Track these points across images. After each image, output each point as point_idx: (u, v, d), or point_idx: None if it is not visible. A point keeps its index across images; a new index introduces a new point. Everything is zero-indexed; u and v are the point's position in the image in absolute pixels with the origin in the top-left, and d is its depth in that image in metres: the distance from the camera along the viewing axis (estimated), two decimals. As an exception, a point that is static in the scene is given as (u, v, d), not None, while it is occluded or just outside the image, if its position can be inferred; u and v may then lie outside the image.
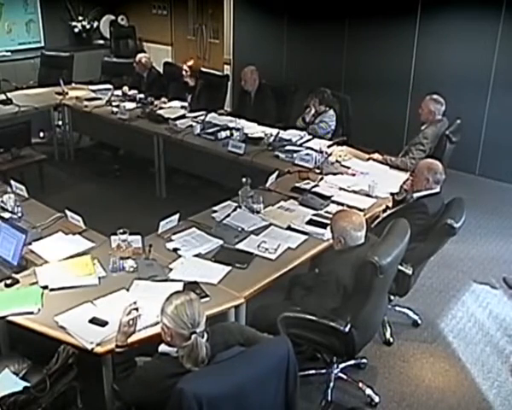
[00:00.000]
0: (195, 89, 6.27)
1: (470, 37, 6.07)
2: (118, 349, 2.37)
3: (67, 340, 2.53)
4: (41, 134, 6.71)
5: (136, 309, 2.38)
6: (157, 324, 2.42)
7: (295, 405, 2.27)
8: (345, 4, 6.91)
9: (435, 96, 4.74)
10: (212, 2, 8.72)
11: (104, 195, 5.78)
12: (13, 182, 4.03)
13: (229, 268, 3.08)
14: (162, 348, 2.24)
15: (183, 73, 6.28)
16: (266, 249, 3.27)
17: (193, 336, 2.11)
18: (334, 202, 3.88)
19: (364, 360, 3.48)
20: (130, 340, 2.41)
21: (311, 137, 5.13)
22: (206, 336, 2.17)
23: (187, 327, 2.12)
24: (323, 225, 3.46)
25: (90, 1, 9.68)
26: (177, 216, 3.53)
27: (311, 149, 4.78)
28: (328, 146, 4.88)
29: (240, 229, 3.50)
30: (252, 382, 2.10)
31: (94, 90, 6.68)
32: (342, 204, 3.83)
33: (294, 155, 4.64)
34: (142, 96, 6.27)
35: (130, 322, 2.36)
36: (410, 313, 3.91)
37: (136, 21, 9.87)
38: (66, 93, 6.50)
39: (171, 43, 9.50)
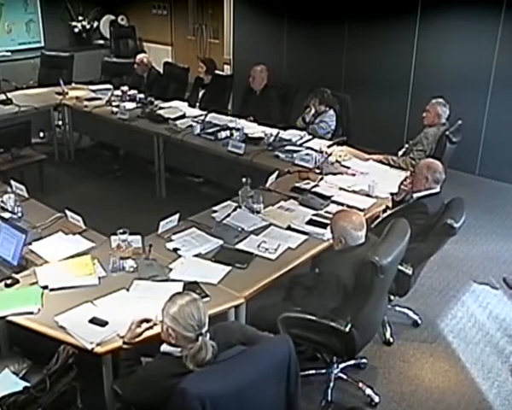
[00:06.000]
0: (208, 86, 6.29)
1: (470, 37, 6.06)
2: (124, 346, 2.38)
3: (67, 340, 2.53)
4: (41, 134, 6.71)
5: (154, 323, 2.38)
6: (155, 324, 2.42)
7: (297, 404, 2.25)
8: (345, 4, 6.91)
9: (441, 100, 4.74)
10: (212, 2, 8.73)
11: (104, 195, 5.78)
12: (13, 182, 4.03)
13: (229, 268, 3.07)
14: (164, 347, 2.21)
15: (199, 69, 6.30)
16: (266, 249, 3.27)
17: (200, 338, 2.07)
18: (334, 202, 3.88)
19: (364, 360, 3.47)
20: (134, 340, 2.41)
21: (311, 137, 5.13)
22: (208, 335, 2.14)
23: (193, 329, 2.08)
24: (323, 225, 3.46)
25: (90, 1, 9.69)
26: (177, 216, 3.53)
27: (311, 149, 4.78)
28: (328, 146, 4.87)
29: (240, 229, 3.50)
30: (253, 381, 2.08)
31: (94, 90, 6.67)
32: (342, 204, 3.82)
33: (294, 155, 4.64)
34: (142, 96, 6.27)
35: (143, 324, 2.38)
36: (410, 313, 3.91)
37: (136, 21, 9.88)
38: (66, 93, 6.49)
39: (171, 43, 9.51)
